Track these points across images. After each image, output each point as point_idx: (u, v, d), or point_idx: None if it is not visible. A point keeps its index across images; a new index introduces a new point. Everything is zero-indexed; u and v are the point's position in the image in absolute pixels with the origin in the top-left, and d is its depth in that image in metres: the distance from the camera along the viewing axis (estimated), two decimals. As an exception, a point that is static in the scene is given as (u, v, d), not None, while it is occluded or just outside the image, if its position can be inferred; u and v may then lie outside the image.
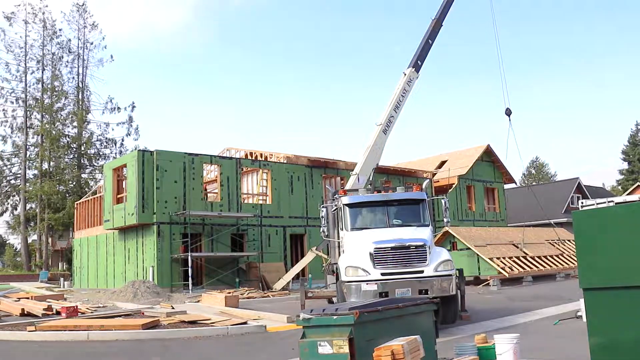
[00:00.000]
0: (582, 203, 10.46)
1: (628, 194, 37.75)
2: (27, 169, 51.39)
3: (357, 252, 12.14)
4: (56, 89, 51.82)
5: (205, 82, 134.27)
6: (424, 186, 14.12)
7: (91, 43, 55.19)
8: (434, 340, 7.64)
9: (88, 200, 33.53)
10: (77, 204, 35.78)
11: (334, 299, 13.68)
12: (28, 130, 51.41)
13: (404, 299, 9.31)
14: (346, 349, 6.15)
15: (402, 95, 22.00)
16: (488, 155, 41.68)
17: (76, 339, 12.00)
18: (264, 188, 29.93)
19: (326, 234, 13.82)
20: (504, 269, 23.47)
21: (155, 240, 25.09)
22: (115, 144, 53.61)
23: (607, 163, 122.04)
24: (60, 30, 54.04)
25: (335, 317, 6.40)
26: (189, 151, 27.10)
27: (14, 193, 52.81)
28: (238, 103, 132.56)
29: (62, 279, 37.01)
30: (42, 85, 52.07)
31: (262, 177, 30.07)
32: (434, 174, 38.60)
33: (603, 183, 76.20)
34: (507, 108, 23.43)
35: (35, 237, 53.50)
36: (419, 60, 22.67)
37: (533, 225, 37.40)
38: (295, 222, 29.90)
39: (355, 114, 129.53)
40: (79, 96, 53.55)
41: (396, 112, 21.85)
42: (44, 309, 15.82)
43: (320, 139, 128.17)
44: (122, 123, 53.83)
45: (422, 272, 11.74)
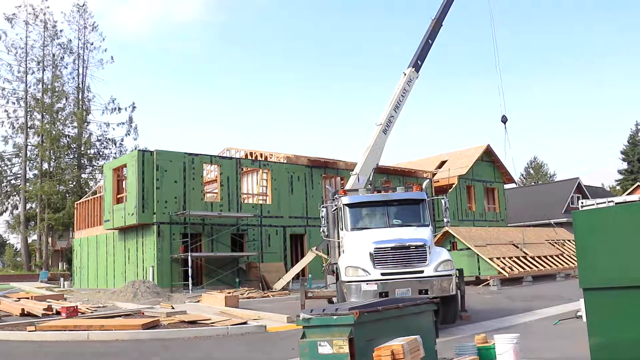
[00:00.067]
0: (582, 203, 10.44)
1: (628, 194, 37.74)
2: (27, 169, 51.43)
3: (357, 252, 12.13)
4: (56, 89, 51.84)
5: (205, 82, 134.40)
6: (424, 186, 14.12)
7: (91, 44, 55.30)
8: (434, 340, 7.64)
9: (88, 200, 33.53)
10: (77, 204, 35.78)
11: (334, 299, 13.68)
12: (28, 130, 51.43)
13: (404, 299, 9.30)
14: (346, 349, 6.15)
15: (402, 95, 21.95)
16: (488, 155, 41.68)
17: (76, 339, 12.00)
18: (264, 188, 29.93)
19: (326, 234, 13.82)
20: (504, 269, 23.48)
21: (155, 240, 25.09)
22: (115, 144, 53.71)
23: (607, 163, 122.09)
24: (61, 32, 54.14)
25: (335, 317, 6.39)
26: (189, 151, 27.10)
27: (14, 193, 52.83)
28: (238, 103, 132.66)
29: (62, 279, 37.01)
30: (42, 86, 52.10)
31: (262, 177, 30.07)
32: (434, 174, 38.59)
33: (602, 183, 76.20)
34: (503, 115, 23.37)
35: (35, 237, 53.51)
36: (419, 60, 22.60)
37: (533, 225, 37.42)
38: (295, 222, 29.89)
39: (355, 114, 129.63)
40: (79, 96, 53.58)
41: (396, 112, 21.79)
42: (44, 309, 15.82)
43: (320, 139, 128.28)
44: (122, 123, 53.93)
45: (422, 272, 11.74)
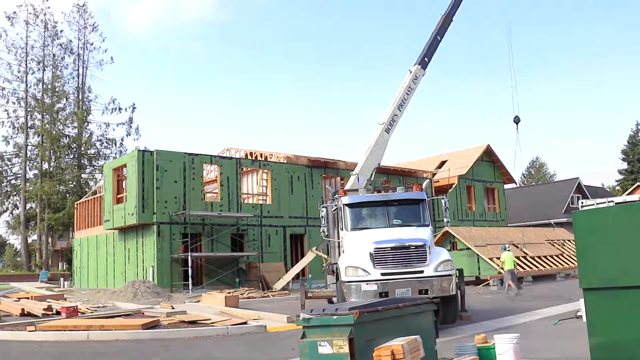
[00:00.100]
0: (582, 203, 10.44)
1: (628, 194, 37.73)
2: (27, 169, 51.41)
3: (357, 252, 12.13)
4: (57, 89, 51.82)
5: (205, 82, 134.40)
6: (424, 186, 14.12)
7: (91, 44, 55.27)
8: (434, 340, 7.64)
9: (88, 200, 33.53)
10: (77, 204, 35.78)
11: (334, 299, 13.67)
12: (28, 130, 51.42)
13: (404, 299, 9.30)
14: (346, 349, 6.15)
15: (407, 93, 21.45)
16: (488, 155, 41.68)
17: (76, 339, 12.00)
18: (264, 188, 29.92)
19: (326, 234, 13.81)
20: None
21: (155, 240, 25.09)
22: (115, 144, 53.68)
23: (607, 163, 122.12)
24: (61, 32, 54.10)
25: (335, 317, 6.39)
26: (189, 151, 27.10)
27: (14, 193, 52.81)
28: (238, 103, 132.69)
29: (62, 279, 37.00)
30: (42, 86, 52.09)
31: (262, 177, 30.06)
32: (434, 174, 38.59)
33: (602, 183, 76.14)
34: (515, 116, 23.24)
35: (35, 237, 53.49)
36: (426, 57, 22.07)
37: (533, 225, 37.42)
38: (295, 222, 29.89)
39: (355, 114, 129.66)
40: (80, 97, 53.56)
41: (400, 110, 21.32)
42: (44, 309, 15.82)
43: (320, 139, 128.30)
44: (122, 123, 53.90)
45: (422, 272, 11.73)
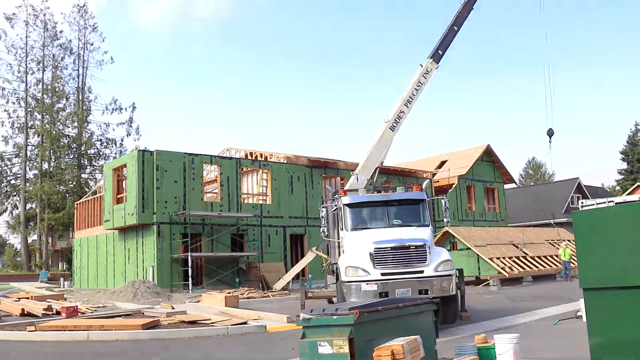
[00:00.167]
0: (582, 203, 10.44)
1: (628, 194, 37.74)
2: (27, 169, 51.39)
3: (357, 252, 12.13)
4: (57, 89, 51.81)
5: (205, 82, 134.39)
6: (424, 186, 14.11)
7: (91, 44, 55.25)
8: (434, 340, 7.64)
9: (88, 200, 33.52)
10: (77, 204, 35.77)
11: (334, 299, 13.67)
12: (28, 130, 51.41)
13: (404, 299, 9.30)
14: (346, 349, 6.15)
15: (416, 89, 20.62)
16: (488, 155, 41.68)
17: (76, 339, 12.00)
18: (264, 188, 29.92)
19: (326, 234, 13.81)
20: (504, 269, 23.48)
21: (155, 240, 25.09)
22: (115, 144, 53.66)
23: (606, 163, 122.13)
24: (61, 32, 54.07)
25: (335, 317, 6.39)
26: (189, 151, 27.09)
27: (14, 193, 52.80)
28: (238, 103, 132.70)
29: (62, 279, 37.00)
30: (42, 86, 52.07)
31: (262, 177, 30.06)
32: (434, 174, 38.58)
33: (602, 183, 76.13)
34: (549, 129, 23.16)
35: (35, 237, 53.48)
36: (440, 50, 21.03)
37: (533, 225, 37.43)
38: (295, 222, 29.89)
39: (355, 114, 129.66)
40: (79, 97, 53.55)
41: (407, 107, 20.51)
42: (44, 309, 15.82)
43: (320, 139, 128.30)
44: (122, 123, 53.88)
45: (422, 272, 11.74)
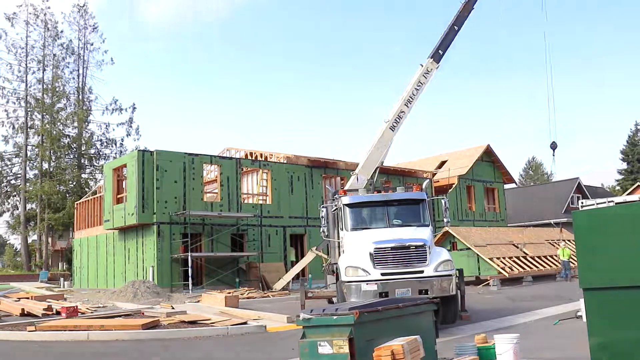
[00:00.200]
0: (582, 203, 10.45)
1: (628, 194, 37.74)
2: (27, 169, 51.38)
3: (357, 252, 12.13)
4: (57, 89, 51.80)
5: (205, 82, 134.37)
6: (424, 186, 14.11)
7: (92, 44, 55.24)
8: (434, 340, 7.64)
9: (88, 200, 33.51)
10: (77, 204, 35.76)
11: (334, 299, 13.67)
12: (28, 130, 51.40)
13: (404, 299, 9.30)
14: (346, 349, 6.14)
15: (416, 89, 20.63)
16: (488, 155, 41.66)
17: (76, 339, 12.00)
18: (264, 188, 29.91)
19: (326, 234, 13.81)
20: (504, 269, 23.48)
21: (155, 240, 25.08)
22: (115, 144, 53.62)
23: (606, 163, 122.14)
24: (61, 32, 54.03)
25: (335, 317, 6.39)
26: (189, 151, 27.08)
27: (14, 193, 52.79)
28: (238, 103, 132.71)
29: (62, 279, 36.98)
30: (42, 86, 52.06)
31: (262, 177, 30.05)
32: (434, 174, 38.56)
33: (602, 183, 76.10)
34: (552, 142, 23.06)
35: (35, 237, 53.47)
36: (440, 49, 21.07)
37: (533, 225, 37.43)
38: (295, 222, 29.88)
39: (355, 114, 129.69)
40: (80, 97, 53.53)
41: (407, 107, 20.52)
42: (44, 309, 15.82)
43: (320, 139, 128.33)
44: (123, 123, 53.85)
45: (422, 272, 11.74)
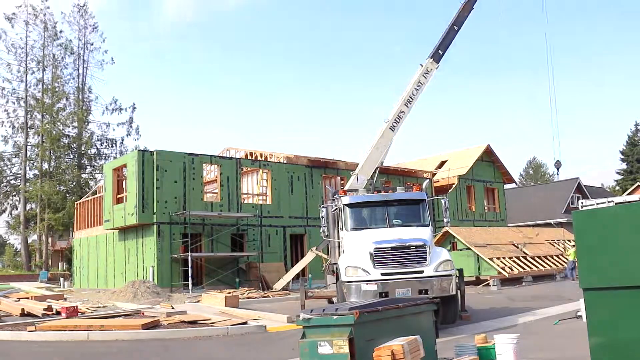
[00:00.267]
0: (582, 203, 10.47)
1: (628, 194, 37.74)
2: (27, 169, 51.38)
3: (357, 252, 12.13)
4: (57, 89, 51.79)
5: (205, 82, 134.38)
6: (424, 186, 14.12)
7: (91, 44, 55.23)
8: (434, 340, 7.64)
9: (88, 200, 33.51)
10: (77, 204, 35.75)
11: (334, 299, 13.68)
12: (28, 130, 51.39)
13: (404, 299, 9.31)
14: (346, 349, 6.14)
15: (416, 89, 20.73)
16: (488, 155, 41.65)
17: (76, 339, 12.01)
18: (264, 188, 29.91)
19: (326, 234, 13.81)
20: (504, 269, 23.48)
21: (155, 240, 25.08)
22: (115, 144, 53.62)
23: (606, 163, 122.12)
24: (61, 32, 54.03)
25: (335, 317, 6.39)
26: (189, 151, 27.07)
27: (14, 193, 52.78)
28: (238, 103, 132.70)
29: (62, 279, 36.97)
30: (42, 86, 52.04)
31: (262, 177, 30.05)
32: (434, 174, 38.55)
33: (602, 183, 76.11)
34: (557, 161, 23.18)
35: (35, 237, 53.44)
36: (440, 49, 21.13)
37: (533, 225, 37.42)
38: (295, 222, 29.87)
39: (355, 114, 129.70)
40: (79, 97, 53.53)
41: (407, 107, 20.62)
42: (44, 309, 15.82)
43: (320, 139, 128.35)
44: (123, 123, 53.86)
45: (422, 272, 11.74)
